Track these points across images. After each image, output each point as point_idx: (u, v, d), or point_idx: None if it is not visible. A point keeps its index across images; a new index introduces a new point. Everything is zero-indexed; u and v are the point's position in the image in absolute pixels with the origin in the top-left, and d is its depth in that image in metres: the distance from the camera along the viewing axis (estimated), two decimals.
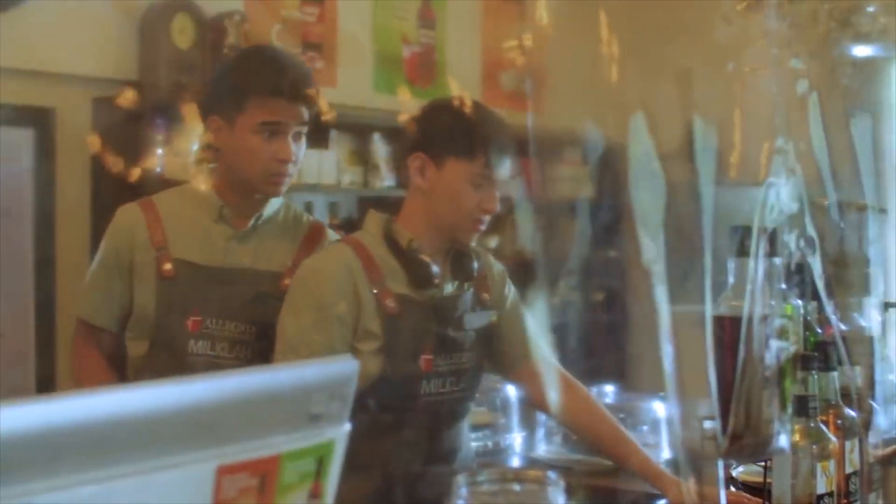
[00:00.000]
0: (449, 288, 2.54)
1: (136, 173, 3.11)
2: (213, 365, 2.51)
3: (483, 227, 2.52)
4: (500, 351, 2.65)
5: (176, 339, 2.49)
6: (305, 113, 2.53)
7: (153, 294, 2.51)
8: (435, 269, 2.47)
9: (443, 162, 2.45)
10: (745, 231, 1.68)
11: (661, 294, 1.46)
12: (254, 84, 2.49)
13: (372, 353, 2.40)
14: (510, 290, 2.69)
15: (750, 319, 1.59)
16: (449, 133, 2.47)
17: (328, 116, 2.64)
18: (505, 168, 2.48)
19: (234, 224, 2.58)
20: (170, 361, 2.47)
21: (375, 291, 2.42)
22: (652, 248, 1.48)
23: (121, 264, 2.54)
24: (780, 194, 1.68)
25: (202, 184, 2.59)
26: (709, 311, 1.60)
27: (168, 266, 2.50)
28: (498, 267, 2.70)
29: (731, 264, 1.69)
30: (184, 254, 2.52)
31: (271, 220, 2.63)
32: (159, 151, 3.86)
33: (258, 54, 2.70)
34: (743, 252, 1.67)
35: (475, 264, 2.57)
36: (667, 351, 1.46)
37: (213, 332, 2.50)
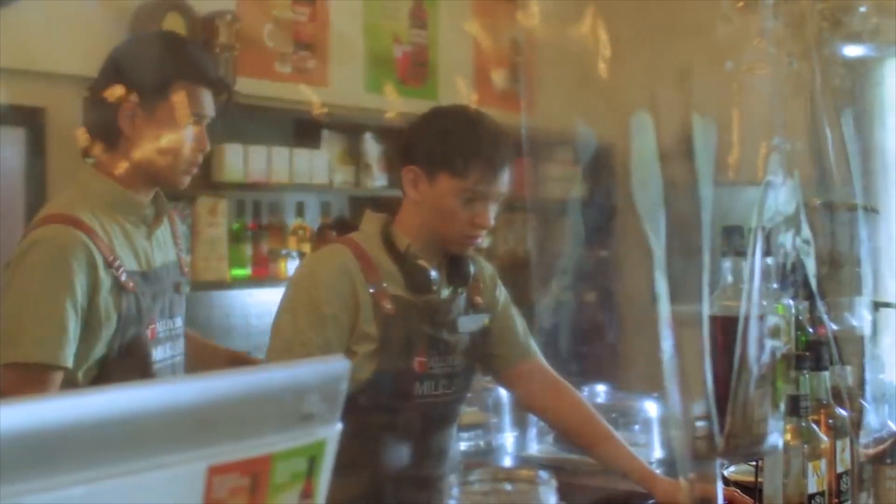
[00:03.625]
0: (445, 292, 2.54)
1: None
2: (175, 367, 2.48)
3: (477, 241, 2.51)
4: (490, 353, 2.65)
5: (138, 352, 2.35)
6: (217, 104, 2.46)
7: (114, 314, 2.30)
8: (433, 274, 2.47)
9: (435, 177, 2.44)
10: (739, 231, 1.68)
11: (661, 287, 1.46)
12: (182, 70, 2.38)
13: (367, 354, 2.40)
14: (501, 293, 2.70)
15: (746, 319, 1.59)
16: (442, 149, 2.44)
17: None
18: (501, 184, 2.46)
19: (152, 224, 2.46)
20: (130, 376, 2.28)
21: (372, 291, 2.41)
22: (654, 242, 1.48)
23: (85, 293, 2.25)
24: (778, 194, 1.68)
25: (94, 180, 2.39)
26: (705, 310, 1.59)
27: (127, 280, 2.31)
28: (489, 269, 2.70)
29: (727, 264, 1.69)
30: (127, 264, 2.35)
31: None
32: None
33: (178, 39, 2.61)
34: (737, 251, 1.67)
35: (471, 269, 2.57)
36: (666, 344, 1.46)
37: (166, 335, 2.45)
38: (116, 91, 2.34)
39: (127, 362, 2.33)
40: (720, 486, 1.71)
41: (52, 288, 2.23)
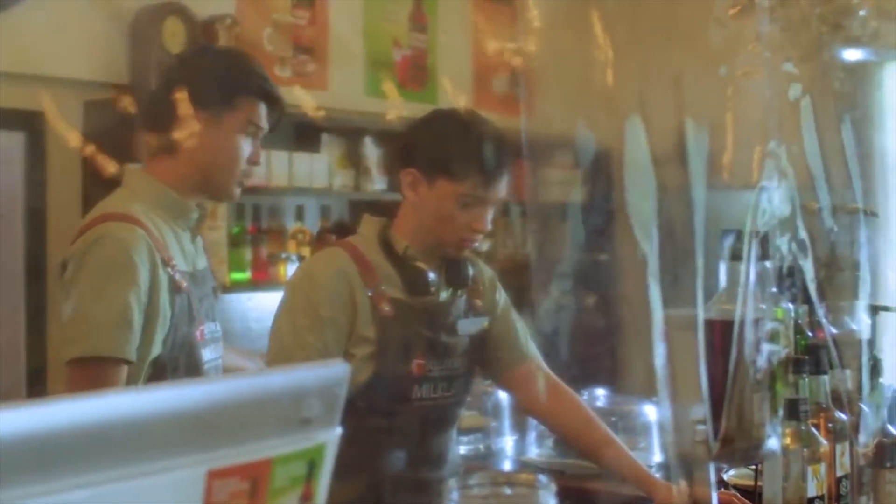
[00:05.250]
0: (443, 294, 2.54)
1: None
2: (217, 369, 2.49)
3: (474, 245, 2.52)
4: (490, 356, 2.66)
5: (190, 352, 2.36)
6: (271, 120, 2.49)
7: (170, 315, 2.31)
8: (431, 276, 2.47)
9: (434, 180, 2.44)
10: (737, 234, 1.68)
11: (654, 293, 1.46)
12: (249, 83, 2.41)
13: (366, 357, 2.40)
14: (501, 296, 2.70)
15: (742, 323, 1.59)
16: (441, 153, 2.45)
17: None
18: (499, 189, 2.46)
19: (195, 228, 2.49)
20: (183, 376, 2.32)
21: (370, 294, 2.41)
22: (647, 248, 1.48)
23: (147, 290, 2.26)
24: (773, 198, 1.68)
25: (145, 184, 2.41)
26: (700, 314, 1.60)
27: (181, 280, 2.33)
28: (488, 272, 2.71)
29: (723, 268, 1.69)
30: (179, 265, 2.37)
31: None
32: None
33: (244, 54, 2.64)
34: (734, 255, 1.67)
35: (470, 271, 2.57)
36: (659, 351, 1.46)
37: (211, 336, 2.46)
38: (179, 96, 2.34)
39: (180, 362, 2.34)
40: (714, 490, 1.72)
41: (119, 283, 2.23)
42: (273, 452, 0.83)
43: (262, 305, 4.36)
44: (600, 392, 3.34)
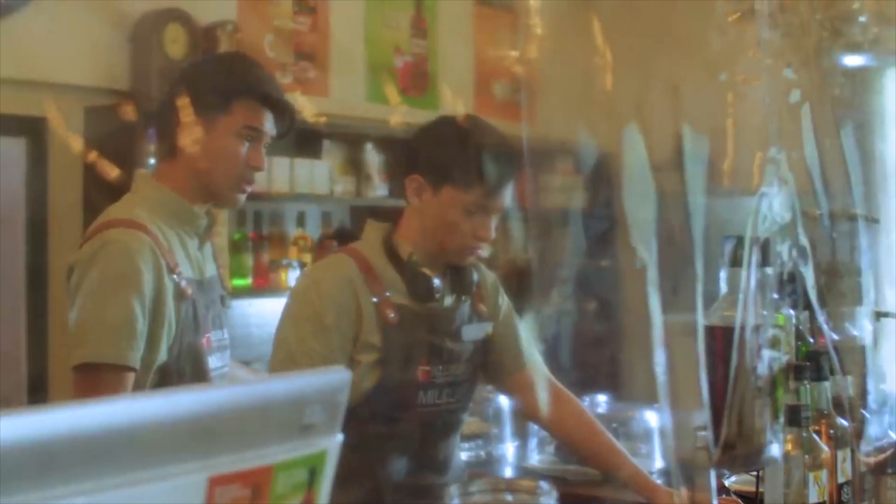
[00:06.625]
0: (448, 300, 2.54)
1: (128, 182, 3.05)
2: (224, 377, 2.47)
3: (478, 253, 2.51)
4: (492, 361, 2.65)
5: (196, 360, 2.34)
6: (279, 126, 2.45)
7: (175, 322, 2.29)
8: (436, 282, 2.46)
9: (440, 188, 2.44)
10: (738, 241, 1.68)
11: (654, 301, 1.46)
12: (244, 87, 2.37)
13: (371, 364, 2.39)
14: (503, 300, 2.69)
15: (742, 329, 1.59)
16: (448, 161, 2.43)
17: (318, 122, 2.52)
18: (504, 198, 2.46)
19: (203, 235, 2.45)
20: (189, 383, 2.28)
21: (376, 300, 2.41)
22: (646, 255, 1.48)
23: (152, 297, 2.23)
24: (773, 204, 1.68)
25: (152, 189, 2.40)
26: (701, 320, 1.60)
27: (186, 287, 2.30)
28: (491, 276, 2.70)
29: (724, 274, 1.69)
30: (185, 272, 2.34)
31: None
32: (151, 161, 3.85)
33: (246, 59, 2.62)
34: (735, 262, 1.67)
35: (474, 277, 2.57)
36: (659, 358, 1.46)
37: (218, 344, 2.44)
38: (179, 102, 2.33)
39: (186, 369, 2.32)
40: (715, 496, 1.72)
41: (122, 290, 2.21)
42: (274, 459, 0.83)
43: (264, 311, 4.36)
44: (601, 398, 3.33)
